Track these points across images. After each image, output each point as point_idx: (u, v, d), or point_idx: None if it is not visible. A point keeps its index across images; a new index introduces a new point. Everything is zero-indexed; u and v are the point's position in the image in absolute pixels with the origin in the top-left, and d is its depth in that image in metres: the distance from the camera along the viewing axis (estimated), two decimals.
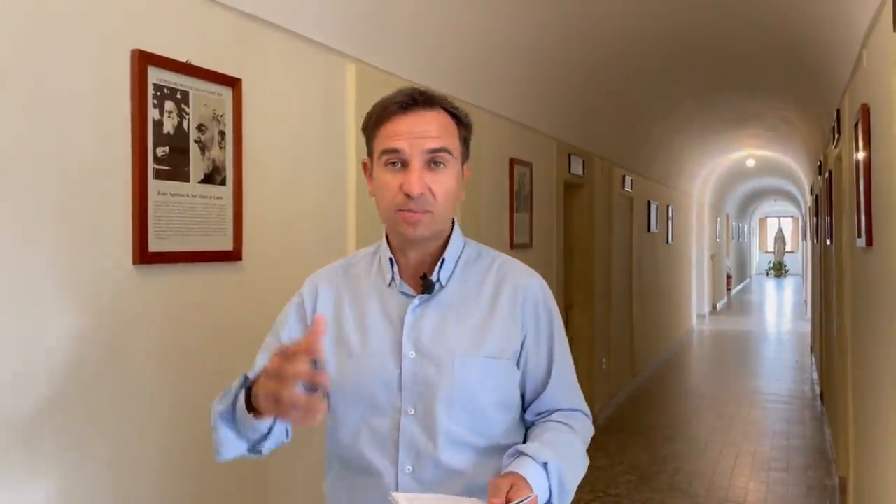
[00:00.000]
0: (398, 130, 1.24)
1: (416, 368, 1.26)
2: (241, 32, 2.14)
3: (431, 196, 1.24)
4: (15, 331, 1.51)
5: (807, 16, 3.80)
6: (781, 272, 27.01)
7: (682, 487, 4.68)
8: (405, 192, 1.22)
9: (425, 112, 1.26)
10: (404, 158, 1.23)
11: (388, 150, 1.24)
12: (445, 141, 1.26)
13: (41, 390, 1.57)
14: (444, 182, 1.25)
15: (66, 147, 1.61)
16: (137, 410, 1.80)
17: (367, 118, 1.30)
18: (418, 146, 1.23)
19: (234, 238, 2.09)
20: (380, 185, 1.26)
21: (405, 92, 1.27)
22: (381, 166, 1.26)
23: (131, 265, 1.77)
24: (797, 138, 8.29)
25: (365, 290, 1.33)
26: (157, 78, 1.82)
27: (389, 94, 1.29)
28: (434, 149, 1.24)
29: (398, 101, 1.25)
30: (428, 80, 3.12)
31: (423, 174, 1.23)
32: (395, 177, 1.24)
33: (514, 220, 4.23)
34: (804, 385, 8.03)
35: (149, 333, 1.83)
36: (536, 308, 1.34)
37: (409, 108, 1.25)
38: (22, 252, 1.52)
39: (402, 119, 1.24)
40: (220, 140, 2.03)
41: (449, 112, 1.29)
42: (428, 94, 1.27)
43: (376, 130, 1.27)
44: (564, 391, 1.36)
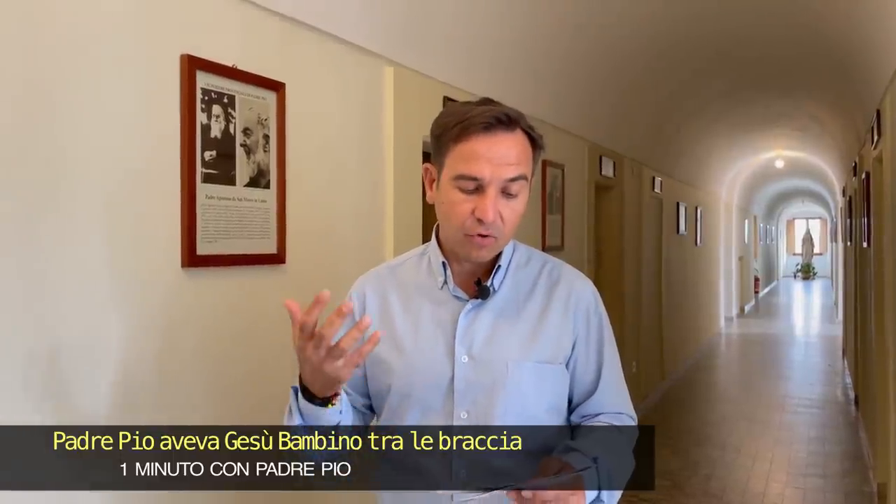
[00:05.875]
0: (478, 153, 1.21)
1: (468, 373, 1.26)
2: (283, 36, 2.15)
3: (501, 222, 1.23)
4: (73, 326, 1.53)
5: (845, 16, 3.75)
6: (810, 274, 26.62)
7: (717, 493, 4.62)
8: (478, 218, 1.21)
9: (507, 136, 1.22)
10: (482, 185, 1.21)
11: (465, 175, 1.21)
12: (523, 168, 1.24)
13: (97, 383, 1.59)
14: (515, 208, 1.25)
15: (119, 151, 1.63)
16: (182, 407, 1.81)
17: (442, 127, 1.25)
18: (497, 174, 1.21)
19: (278, 241, 2.10)
20: (449, 202, 1.24)
21: (488, 112, 1.22)
22: (452, 184, 1.23)
23: (180, 268, 1.79)
24: (828, 139, 8.17)
25: (414, 291, 1.33)
26: (205, 82, 1.84)
27: (462, 104, 1.27)
28: (512, 178, 1.22)
29: (481, 122, 1.21)
30: (463, 82, 3.12)
31: (497, 201, 1.22)
32: (467, 198, 1.22)
33: (546, 222, 4.21)
34: (836, 389, 7.90)
35: (195, 334, 1.85)
36: (588, 313, 1.34)
37: (492, 129, 1.21)
38: (77, 252, 1.54)
39: (482, 140, 1.21)
40: (265, 144, 2.04)
41: (526, 133, 1.26)
42: (511, 116, 1.23)
43: (453, 145, 1.23)
44: (612, 395, 1.36)
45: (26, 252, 1.45)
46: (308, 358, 1.11)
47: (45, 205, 1.47)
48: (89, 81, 1.56)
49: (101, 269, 1.59)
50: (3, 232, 1.41)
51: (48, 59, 1.48)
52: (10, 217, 1.42)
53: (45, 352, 1.48)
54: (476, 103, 1.27)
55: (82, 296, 1.55)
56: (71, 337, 1.53)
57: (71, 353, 1.53)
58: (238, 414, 1.93)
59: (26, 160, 1.44)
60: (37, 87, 1.46)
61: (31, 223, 1.46)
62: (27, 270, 1.45)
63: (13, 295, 1.43)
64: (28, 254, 1.45)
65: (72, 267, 1.53)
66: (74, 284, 1.54)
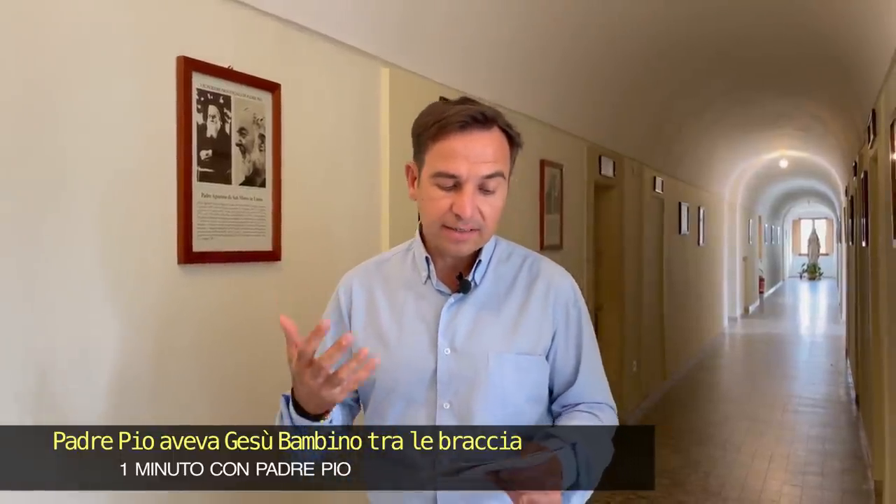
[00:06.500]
0: (455, 151, 1.25)
1: (451, 365, 1.30)
2: (279, 37, 2.19)
3: (481, 217, 1.27)
4: (70, 323, 1.58)
5: (841, 14, 3.77)
6: (815, 275, 26.51)
7: (715, 490, 4.65)
8: (456, 213, 1.25)
9: (483, 134, 1.26)
10: (459, 182, 1.25)
11: (443, 173, 1.25)
12: (499, 165, 1.28)
13: (94, 380, 1.63)
14: (493, 203, 1.29)
15: (115, 151, 1.67)
16: (178, 404, 1.85)
17: (421, 126, 1.30)
18: (474, 172, 1.25)
19: (273, 239, 2.14)
20: (428, 198, 1.28)
21: (465, 111, 1.26)
22: (431, 182, 1.27)
23: (176, 264, 1.83)
24: (831, 139, 8.17)
25: (399, 286, 1.37)
26: (201, 83, 1.88)
27: (442, 103, 1.31)
28: (489, 175, 1.26)
29: (458, 121, 1.25)
30: (459, 83, 3.16)
31: (474, 197, 1.26)
32: (446, 195, 1.26)
33: (544, 222, 4.25)
34: (839, 389, 7.90)
35: (191, 330, 1.89)
36: (567, 306, 1.38)
37: (468, 127, 1.25)
38: (75, 251, 1.58)
39: (459, 139, 1.25)
40: (260, 143, 2.09)
41: (504, 131, 1.30)
42: (487, 115, 1.27)
43: (431, 144, 1.27)
44: (591, 385, 1.40)
45: (26, 251, 1.49)
46: (305, 383, 1.14)
47: (44, 204, 1.52)
48: (88, 83, 1.61)
49: (98, 267, 1.64)
50: (4, 231, 1.45)
51: (48, 61, 1.53)
52: (10, 216, 1.46)
53: (45, 350, 1.52)
54: (455, 102, 1.31)
55: (82, 292, 1.60)
56: (70, 334, 1.57)
57: (70, 351, 1.57)
58: (234, 410, 1.97)
59: (27, 160, 1.49)
60: (37, 87, 1.51)
61: (31, 222, 1.50)
62: (27, 269, 1.49)
63: (13, 293, 1.47)
64: (28, 252, 1.50)
65: (71, 265, 1.57)
66: (73, 282, 1.58)
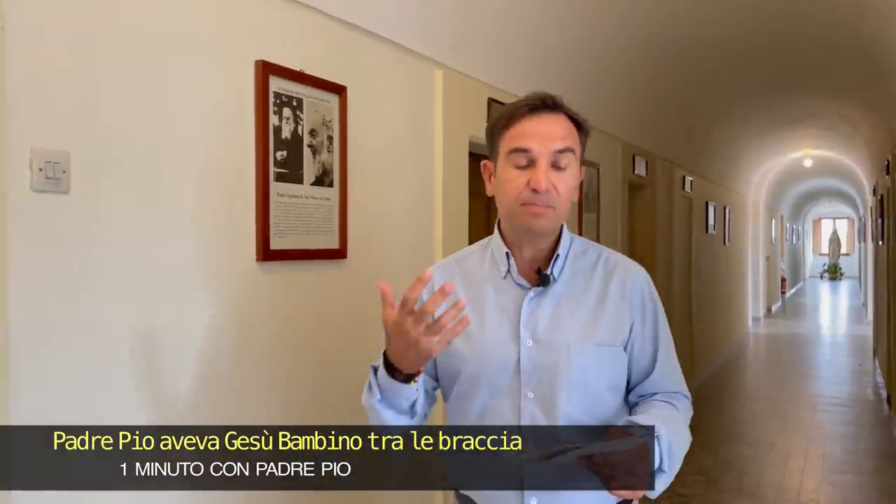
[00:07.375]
0: (526, 131, 1.33)
1: (534, 356, 1.35)
2: (344, 40, 2.25)
3: (556, 193, 1.33)
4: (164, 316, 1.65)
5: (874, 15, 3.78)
6: (836, 275, 26.25)
7: (751, 490, 4.66)
8: (532, 188, 1.31)
9: (551, 115, 1.35)
10: (532, 157, 1.32)
11: (517, 148, 1.33)
12: (569, 142, 1.35)
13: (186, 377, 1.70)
14: (566, 180, 1.34)
15: (200, 153, 1.74)
16: (255, 396, 1.92)
17: (494, 121, 1.39)
18: (546, 146, 1.32)
19: (340, 237, 2.20)
20: (505, 180, 1.35)
21: (533, 96, 1.36)
22: (507, 164, 1.34)
23: (255, 262, 1.89)
24: (859, 138, 8.14)
25: (479, 281, 1.42)
26: (277, 86, 1.94)
27: (515, 100, 1.39)
28: (560, 149, 1.33)
29: (527, 105, 1.34)
30: (506, 84, 3.21)
31: (548, 172, 1.32)
32: (521, 173, 1.33)
33: (582, 221, 4.28)
34: (866, 389, 7.87)
35: (268, 325, 1.95)
36: (643, 298, 1.43)
37: (537, 110, 1.34)
38: (167, 249, 1.66)
39: (529, 121, 1.34)
40: (329, 144, 2.15)
41: (570, 118, 1.38)
42: (554, 100, 1.36)
43: (504, 132, 1.35)
44: (667, 375, 1.46)
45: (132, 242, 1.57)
46: (406, 331, 1.18)
47: (144, 201, 1.59)
48: (179, 86, 1.67)
49: (188, 262, 1.71)
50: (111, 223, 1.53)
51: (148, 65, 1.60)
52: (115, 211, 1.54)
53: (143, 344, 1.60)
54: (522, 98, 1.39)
55: (176, 286, 1.67)
56: (169, 323, 1.64)
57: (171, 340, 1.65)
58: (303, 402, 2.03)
59: (132, 157, 1.57)
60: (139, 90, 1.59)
61: (134, 216, 1.58)
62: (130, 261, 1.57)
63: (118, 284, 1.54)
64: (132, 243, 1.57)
65: (166, 258, 1.64)
66: (170, 275, 1.65)
